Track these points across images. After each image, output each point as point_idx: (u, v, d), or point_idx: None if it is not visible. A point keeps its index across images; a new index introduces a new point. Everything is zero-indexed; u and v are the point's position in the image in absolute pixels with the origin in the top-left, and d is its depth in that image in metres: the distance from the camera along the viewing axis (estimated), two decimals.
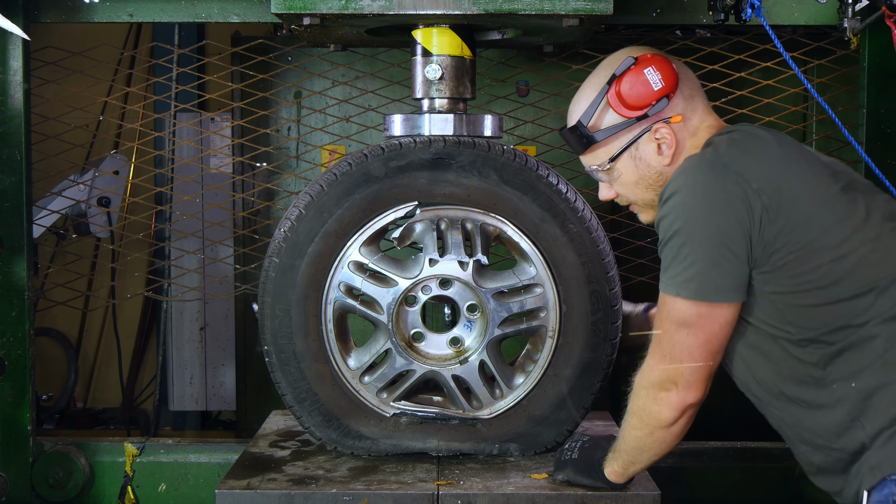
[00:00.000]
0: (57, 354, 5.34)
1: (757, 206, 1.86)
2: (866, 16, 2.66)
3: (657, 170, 2.08)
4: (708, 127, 2.08)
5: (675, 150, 2.06)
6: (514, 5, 2.36)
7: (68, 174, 4.03)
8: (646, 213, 2.17)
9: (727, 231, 1.86)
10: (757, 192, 1.86)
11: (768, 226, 1.86)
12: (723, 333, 1.94)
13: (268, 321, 2.45)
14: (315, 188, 2.45)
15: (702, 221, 1.87)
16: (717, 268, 1.87)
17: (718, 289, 1.89)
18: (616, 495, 2.23)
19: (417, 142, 2.43)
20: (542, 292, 2.45)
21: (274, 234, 2.48)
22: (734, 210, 1.86)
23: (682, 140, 2.06)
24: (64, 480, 2.92)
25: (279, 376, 2.48)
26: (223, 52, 3.92)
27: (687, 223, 1.88)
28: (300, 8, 2.37)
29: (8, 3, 2.74)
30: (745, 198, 1.86)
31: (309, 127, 4.11)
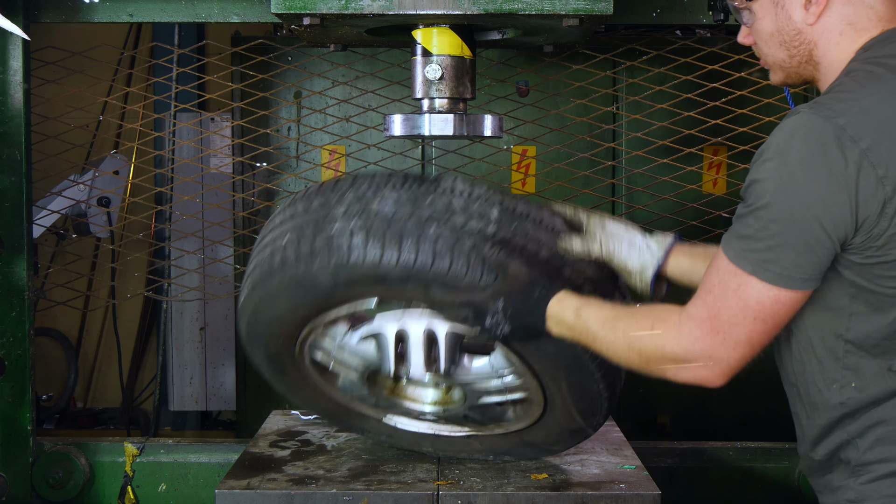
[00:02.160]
0: (57, 354, 5.34)
1: (878, 197, 1.58)
2: None
3: (797, 27, 1.77)
4: (874, 14, 1.73)
5: (823, 10, 1.74)
6: (514, 5, 2.35)
7: (68, 174, 4.03)
8: (774, 73, 1.87)
9: (835, 221, 1.59)
10: (881, 181, 1.57)
11: (881, 219, 1.60)
12: (789, 319, 1.70)
13: None
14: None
15: (805, 204, 1.59)
16: (809, 254, 1.61)
17: (805, 277, 1.63)
18: (616, 495, 2.23)
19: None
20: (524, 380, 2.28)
21: None
22: (847, 196, 1.58)
23: (835, 3, 1.74)
24: (64, 480, 2.92)
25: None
26: (223, 52, 3.92)
27: (786, 198, 1.60)
28: (300, 8, 2.37)
29: (8, 3, 2.74)
30: (867, 184, 1.57)
31: (309, 127, 4.11)
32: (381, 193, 2.08)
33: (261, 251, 2.18)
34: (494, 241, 2.02)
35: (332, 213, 2.08)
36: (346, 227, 2.05)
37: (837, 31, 1.75)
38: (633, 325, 1.81)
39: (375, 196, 2.08)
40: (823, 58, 1.78)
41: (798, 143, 1.60)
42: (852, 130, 1.58)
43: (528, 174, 4.09)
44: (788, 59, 1.82)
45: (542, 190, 3.80)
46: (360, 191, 2.10)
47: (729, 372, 1.70)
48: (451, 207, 2.05)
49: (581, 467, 2.42)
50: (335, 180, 2.17)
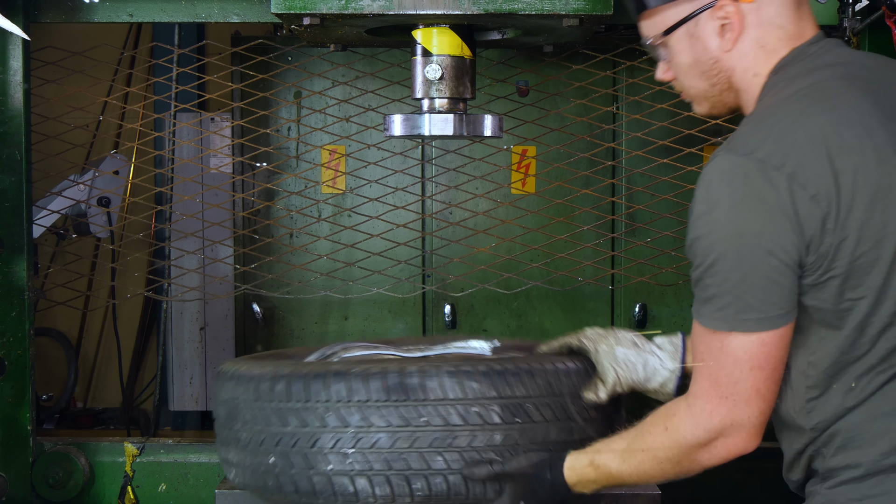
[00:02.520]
0: (57, 354, 5.34)
1: (815, 216, 1.58)
2: (866, 16, 2.66)
3: (714, 55, 1.77)
4: (783, 33, 1.75)
5: (738, 35, 1.74)
6: (514, 5, 2.35)
7: (68, 174, 4.03)
8: (699, 104, 1.88)
9: (783, 246, 1.59)
10: (814, 200, 1.58)
11: (825, 236, 1.60)
12: (784, 359, 1.69)
13: None
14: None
15: (752, 242, 1.59)
16: (775, 288, 1.61)
17: (780, 312, 1.63)
18: (616, 495, 2.23)
19: None
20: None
21: None
22: (789, 222, 1.59)
23: (749, 27, 1.74)
24: (64, 480, 2.92)
25: None
26: (223, 52, 3.92)
27: (733, 245, 1.60)
28: (300, 8, 2.37)
29: (8, 3, 2.74)
30: (802, 206, 1.58)
31: (309, 127, 4.11)
32: (366, 415, 2.00)
33: (240, 448, 2.13)
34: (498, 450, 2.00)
35: (318, 436, 2.02)
36: (342, 463, 2.00)
37: (751, 55, 1.76)
38: (649, 439, 1.81)
39: (361, 417, 2.00)
40: (741, 83, 1.79)
41: (725, 188, 1.61)
42: (773, 160, 1.59)
43: (528, 174, 4.10)
44: (710, 89, 1.82)
45: (542, 190, 3.80)
46: (339, 408, 2.02)
47: (756, 432, 1.70)
48: (449, 423, 1.99)
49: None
50: (299, 373, 2.08)
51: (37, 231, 3.32)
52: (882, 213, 1.60)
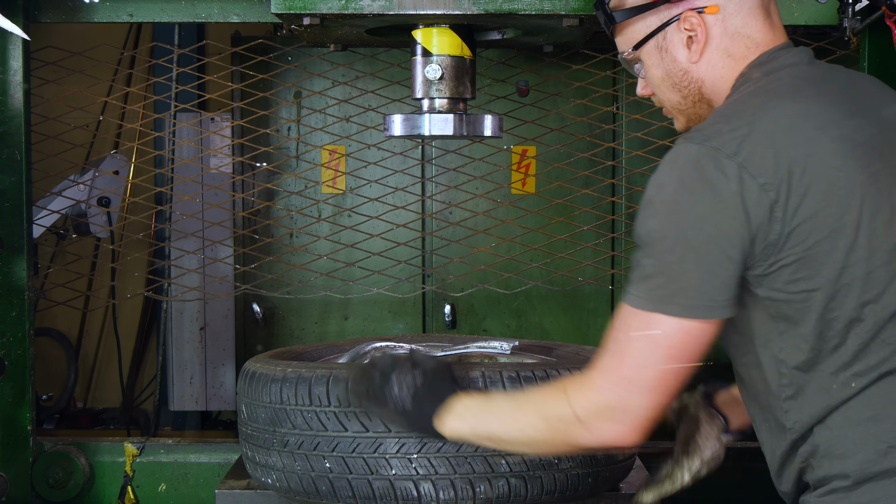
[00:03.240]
0: (57, 354, 5.34)
1: (763, 204, 1.58)
2: (866, 16, 2.66)
3: (683, 67, 1.79)
4: (747, 39, 1.76)
5: (704, 46, 1.76)
6: (514, 5, 2.36)
7: (68, 174, 4.03)
8: (677, 119, 1.89)
9: (728, 234, 1.58)
10: (763, 188, 1.57)
11: (773, 224, 1.59)
12: (703, 352, 1.63)
13: None
14: None
15: (697, 224, 1.58)
16: (711, 278, 1.59)
17: (711, 304, 1.60)
18: (616, 495, 2.23)
19: None
20: None
21: None
22: (735, 210, 1.57)
23: (714, 38, 1.76)
24: (64, 480, 2.92)
25: None
26: (223, 52, 3.92)
27: (677, 225, 1.60)
28: (300, 8, 2.37)
29: (8, 3, 2.74)
30: (750, 195, 1.58)
31: (309, 127, 4.12)
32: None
33: (286, 452, 2.12)
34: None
35: (381, 441, 2.05)
36: (406, 468, 2.03)
37: (720, 65, 1.77)
38: (540, 401, 1.76)
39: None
40: (712, 93, 1.80)
41: (677, 171, 1.62)
42: (727, 149, 1.59)
43: (528, 174, 4.10)
44: (683, 101, 1.83)
45: (542, 190, 3.80)
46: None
47: (641, 426, 1.64)
48: None
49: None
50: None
51: (37, 231, 3.32)
52: (838, 205, 1.59)
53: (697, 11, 1.75)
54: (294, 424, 2.10)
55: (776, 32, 1.80)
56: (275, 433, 2.13)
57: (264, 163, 4.07)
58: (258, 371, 2.20)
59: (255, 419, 2.19)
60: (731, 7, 1.76)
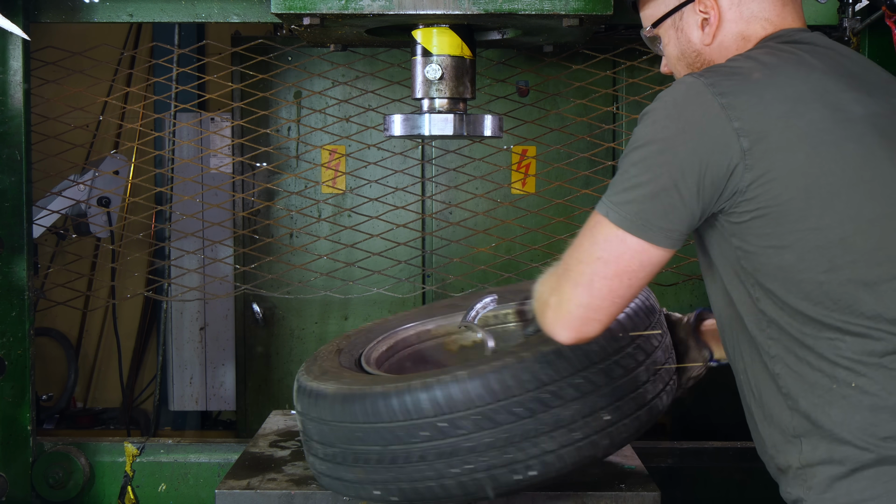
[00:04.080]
0: (57, 354, 5.35)
1: (734, 147, 1.61)
2: (866, 16, 2.66)
3: (697, 48, 1.84)
4: (765, 21, 1.79)
5: (717, 29, 1.81)
6: (514, 5, 2.35)
7: (68, 174, 4.03)
8: None
9: (683, 166, 1.62)
10: (737, 132, 1.61)
11: (745, 172, 1.62)
12: (639, 275, 1.68)
13: None
14: None
15: (661, 146, 1.64)
16: (655, 201, 1.64)
17: (646, 224, 1.65)
18: (616, 495, 2.23)
19: None
20: None
21: None
22: (703, 145, 1.62)
23: (728, 21, 1.80)
24: (64, 480, 2.92)
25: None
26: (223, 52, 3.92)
27: (651, 141, 1.65)
28: (300, 8, 2.37)
29: (8, 3, 2.74)
30: (722, 134, 1.61)
31: (309, 127, 4.11)
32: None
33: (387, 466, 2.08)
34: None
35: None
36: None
37: (734, 47, 1.82)
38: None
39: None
40: None
41: (670, 96, 1.68)
42: (717, 87, 1.64)
43: (528, 174, 4.10)
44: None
45: (542, 190, 3.80)
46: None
47: (569, 321, 1.70)
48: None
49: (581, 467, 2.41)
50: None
51: (37, 231, 3.32)
52: (819, 167, 1.61)
53: None
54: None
55: (796, 16, 1.83)
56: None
57: (264, 163, 4.07)
58: (354, 392, 2.10)
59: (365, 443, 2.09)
60: None
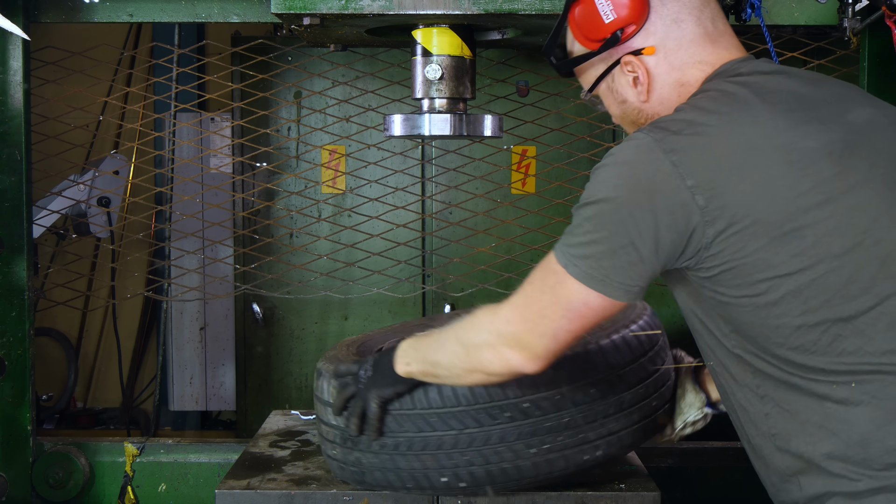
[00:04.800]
0: (57, 354, 5.34)
1: (690, 206, 1.59)
2: (866, 16, 2.66)
3: (635, 106, 1.83)
4: (700, 63, 1.76)
5: (650, 86, 1.79)
6: (514, 5, 2.35)
7: (68, 174, 4.03)
8: None
9: (639, 226, 1.61)
10: (691, 190, 1.59)
11: (705, 228, 1.60)
12: (599, 321, 1.72)
13: None
14: None
15: (616, 204, 1.62)
16: (614, 258, 1.64)
17: (606, 280, 1.65)
18: (616, 495, 2.23)
19: None
20: None
21: None
22: (657, 204, 1.60)
23: (659, 75, 1.78)
24: (64, 480, 2.92)
25: None
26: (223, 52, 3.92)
27: (603, 199, 1.64)
28: (300, 8, 2.37)
29: (8, 3, 2.74)
30: (676, 193, 1.59)
31: (309, 127, 4.11)
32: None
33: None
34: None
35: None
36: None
37: (674, 95, 1.79)
38: (458, 327, 1.88)
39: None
40: None
41: (622, 153, 1.65)
42: (665, 144, 1.62)
43: (528, 174, 4.09)
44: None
45: (542, 190, 3.80)
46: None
47: (538, 359, 1.75)
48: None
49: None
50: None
51: (37, 231, 3.32)
52: (779, 213, 1.58)
53: (635, 54, 1.78)
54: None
55: (732, 47, 1.79)
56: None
57: (264, 163, 4.07)
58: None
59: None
60: (671, 44, 1.77)
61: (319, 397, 2.28)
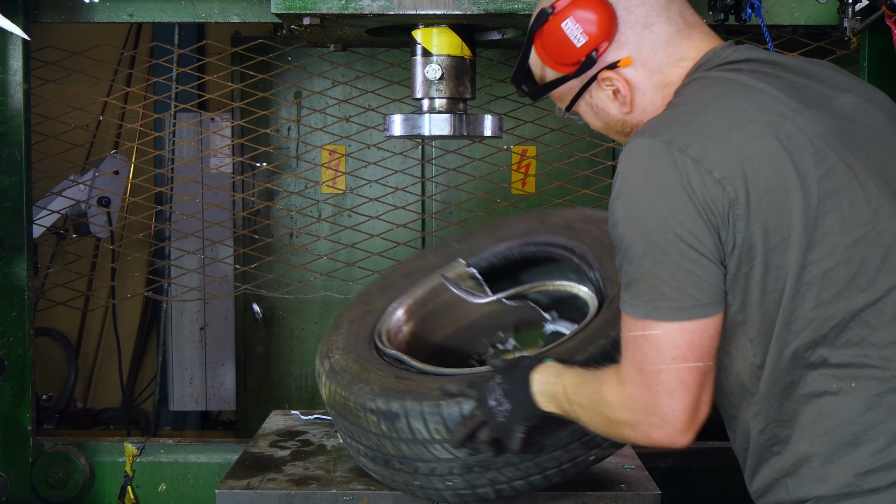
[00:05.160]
0: (57, 354, 5.34)
1: (722, 199, 1.54)
2: (866, 16, 2.66)
3: (619, 118, 1.78)
4: (679, 61, 1.71)
5: (631, 96, 1.73)
6: (514, 5, 2.35)
7: (68, 174, 4.03)
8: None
9: (693, 233, 1.54)
10: (720, 183, 1.53)
11: (737, 223, 1.55)
12: (713, 350, 1.60)
13: None
14: None
15: (659, 227, 1.54)
16: (689, 276, 1.55)
17: (697, 303, 1.56)
18: (616, 495, 2.23)
19: None
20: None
21: None
22: (696, 208, 1.53)
23: (640, 83, 1.72)
24: (64, 480, 2.92)
25: None
26: (223, 52, 3.92)
27: (642, 232, 1.56)
28: (300, 8, 2.37)
29: (8, 3, 2.74)
30: (704, 191, 1.54)
31: (309, 127, 4.11)
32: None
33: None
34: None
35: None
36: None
37: (658, 97, 1.73)
38: (591, 392, 1.76)
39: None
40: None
41: (635, 170, 1.58)
42: (678, 142, 1.56)
43: (528, 174, 4.10)
44: (627, 137, 1.79)
45: (542, 190, 3.80)
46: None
47: (683, 427, 1.61)
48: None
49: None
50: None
51: (37, 231, 3.32)
52: (795, 204, 1.55)
53: (611, 68, 1.72)
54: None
55: (706, 38, 1.75)
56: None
57: (264, 163, 4.07)
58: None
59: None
60: (646, 49, 1.71)
61: (416, 439, 2.09)
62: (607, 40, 1.70)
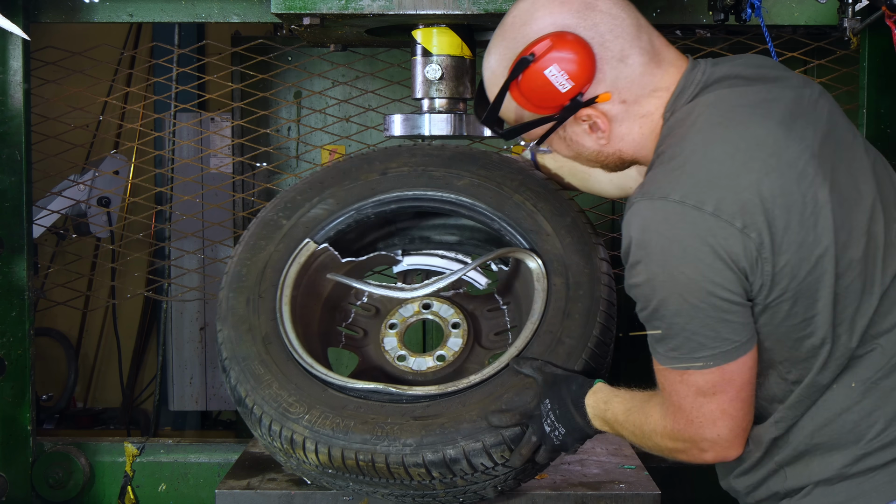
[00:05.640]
0: (57, 354, 5.34)
1: (748, 247, 1.54)
2: (866, 16, 2.66)
3: (594, 150, 1.77)
4: (655, 91, 1.70)
5: (609, 129, 1.72)
6: None
7: (68, 174, 4.03)
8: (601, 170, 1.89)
9: (725, 286, 1.55)
10: (743, 232, 1.54)
11: (764, 265, 1.56)
12: (752, 378, 1.65)
13: None
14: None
15: (691, 287, 1.55)
16: (724, 325, 1.57)
17: (734, 345, 1.59)
18: (616, 495, 2.23)
19: None
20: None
21: None
22: (724, 262, 1.54)
23: (617, 115, 1.71)
24: (64, 480, 2.92)
25: None
26: (223, 52, 3.92)
27: (672, 291, 1.57)
28: (300, 8, 2.37)
29: (8, 3, 2.74)
30: (729, 244, 1.54)
31: (309, 127, 4.11)
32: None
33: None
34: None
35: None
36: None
37: (636, 127, 1.73)
38: (640, 419, 1.79)
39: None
40: (636, 152, 1.76)
41: (652, 235, 1.57)
42: (691, 199, 1.55)
43: None
44: (604, 166, 1.82)
45: None
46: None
47: (730, 444, 1.67)
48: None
49: (581, 467, 2.42)
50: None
51: (37, 231, 3.32)
52: (817, 229, 1.57)
53: (589, 104, 1.69)
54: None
55: (675, 62, 1.73)
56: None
57: (264, 163, 4.07)
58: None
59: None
60: (623, 83, 1.69)
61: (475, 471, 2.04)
62: (590, 82, 1.68)
